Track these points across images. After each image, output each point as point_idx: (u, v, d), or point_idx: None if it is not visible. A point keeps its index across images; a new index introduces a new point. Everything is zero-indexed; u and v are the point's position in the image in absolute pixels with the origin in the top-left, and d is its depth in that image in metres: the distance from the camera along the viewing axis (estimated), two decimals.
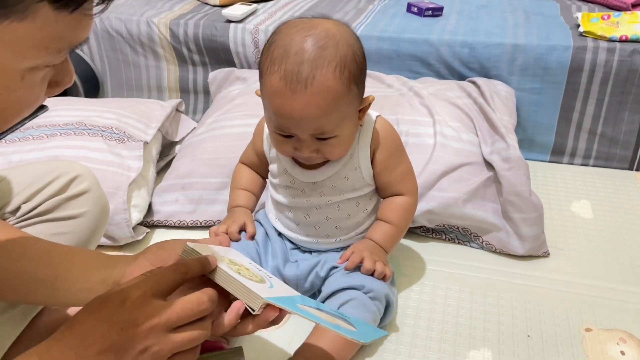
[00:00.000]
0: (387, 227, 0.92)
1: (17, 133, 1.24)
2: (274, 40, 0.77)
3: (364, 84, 0.82)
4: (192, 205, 1.19)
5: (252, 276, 0.64)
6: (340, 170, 0.88)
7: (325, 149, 0.82)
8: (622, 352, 0.88)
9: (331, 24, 0.78)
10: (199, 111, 1.69)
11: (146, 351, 0.49)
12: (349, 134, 0.83)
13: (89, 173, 0.86)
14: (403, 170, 0.92)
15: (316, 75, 0.74)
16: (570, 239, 1.15)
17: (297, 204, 0.92)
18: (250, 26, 1.54)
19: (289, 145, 0.82)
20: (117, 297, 0.50)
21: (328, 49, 0.75)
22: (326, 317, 0.66)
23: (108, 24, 1.64)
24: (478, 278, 1.04)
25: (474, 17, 1.58)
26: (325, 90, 0.75)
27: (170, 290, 0.54)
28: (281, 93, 0.75)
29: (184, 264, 0.56)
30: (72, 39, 0.42)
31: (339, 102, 0.77)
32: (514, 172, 1.10)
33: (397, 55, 1.47)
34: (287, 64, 0.74)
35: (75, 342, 0.48)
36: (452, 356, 0.88)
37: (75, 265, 0.65)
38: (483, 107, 1.27)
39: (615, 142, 1.41)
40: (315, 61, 0.74)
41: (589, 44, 1.35)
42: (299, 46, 0.74)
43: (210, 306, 0.54)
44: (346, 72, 0.76)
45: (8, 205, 0.79)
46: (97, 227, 0.86)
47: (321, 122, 0.77)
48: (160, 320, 0.49)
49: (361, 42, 0.81)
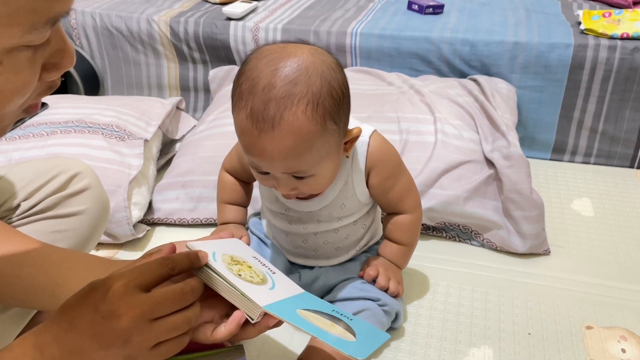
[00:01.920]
0: (396, 247, 0.90)
1: (18, 131, 1.24)
2: (243, 72, 0.70)
3: (346, 117, 0.74)
4: (192, 203, 1.19)
5: (253, 276, 0.63)
6: (335, 199, 0.84)
7: (304, 187, 0.76)
8: (623, 350, 0.88)
9: (306, 53, 0.69)
10: (199, 109, 1.68)
11: (129, 341, 0.50)
12: (328, 171, 0.76)
13: (90, 170, 0.86)
14: (401, 188, 0.87)
15: (284, 115, 0.66)
16: (571, 237, 1.15)
17: (294, 230, 0.89)
18: (250, 24, 1.54)
19: (267, 181, 0.76)
20: (102, 286, 0.51)
21: (298, 84, 0.67)
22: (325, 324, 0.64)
23: (108, 21, 1.64)
24: (479, 276, 1.04)
25: (475, 14, 1.58)
26: (294, 131, 0.67)
27: (154, 283, 0.54)
28: (249, 132, 0.69)
29: (171, 259, 0.56)
30: (47, 11, 0.37)
31: (313, 143, 0.69)
32: (515, 169, 1.10)
33: (398, 53, 1.46)
34: (254, 101, 0.67)
35: (66, 325, 0.50)
36: (453, 354, 0.88)
37: (75, 272, 0.65)
38: (484, 104, 1.27)
39: (616, 140, 1.41)
40: (283, 99, 0.66)
41: (590, 42, 1.35)
42: (267, 81, 0.67)
43: (192, 296, 0.54)
44: (320, 109, 0.68)
45: (8, 203, 0.79)
46: (97, 224, 0.85)
47: (293, 163, 0.71)
48: (142, 310, 0.50)
49: (342, 71, 0.73)
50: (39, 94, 0.44)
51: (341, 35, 1.49)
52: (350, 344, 0.64)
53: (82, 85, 1.65)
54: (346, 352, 0.61)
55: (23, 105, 0.43)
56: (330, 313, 0.69)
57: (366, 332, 0.70)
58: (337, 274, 0.91)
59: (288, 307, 0.63)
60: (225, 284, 0.59)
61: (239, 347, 0.75)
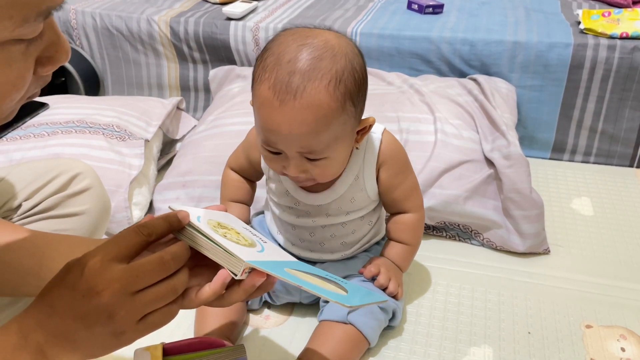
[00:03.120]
0: (400, 247, 0.91)
1: (18, 131, 1.24)
2: (268, 48, 0.72)
3: (362, 104, 0.75)
4: (193, 203, 1.19)
5: (240, 240, 0.59)
6: (346, 193, 0.85)
7: (314, 171, 0.76)
8: (623, 349, 0.88)
9: (332, 35, 0.72)
10: (200, 109, 1.69)
11: (113, 317, 0.48)
12: (341, 157, 0.77)
13: (90, 170, 0.86)
14: (408, 186, 0.88)
15: (307, 87, 0.68)
16: (570, 236, 1.15)
17: (302, 224, 0.89)
18: (250, 24, 1.54)
19: (277, 163, 0.76)
20: (77, 264, 0.49)
21: (324, 60, 0.69)
22: (315, 280, 0.61)
23: (108, 21, 1.64)
24: (479, 275, 1.05)
25: (475, 14, 1.58)
26: (315, 104, 0.68)
27: (132, 254, 0.51)
28: (269, 103, 0.69)
29: (146, 225, 0.53)
30: (39, 4, 0.37)
31: (331, 120, 0.70)
32: (515, 169, 1.10)
33: (398, 53, 1.47)
34: (279, 72, 0.69)
35: (47, 309, 0.49)
36: (453, 353, 0.88)
37: (60, 253, 0.64)
38: (484, 104, 1.27)
39: (615, 140, 1.41)
40: (308, 72, 0.68)
41: (589, 41, 1.35)
42: (293, 55, 0.68)
43: (174, 265, 0.51)
44: (341, 87, 0.69)
45: (9, 204, 0.79)
46: (98, 224, 0.86)
47: (309, 140, 0.71)
48: (121, 284, 0.48)
49: (363, 58, 0.74)
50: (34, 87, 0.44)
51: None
52: (339, 295, 0.60)
53: (83, 86, 1.65)
54: (333, 299, 0.57)
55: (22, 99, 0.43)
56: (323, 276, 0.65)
57: (359, 292, 0.67)
58: (338, 271, 0.91)
59: (277, 265, 0.59)
60: (207, 242, 0.55)
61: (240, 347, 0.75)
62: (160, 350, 0.70)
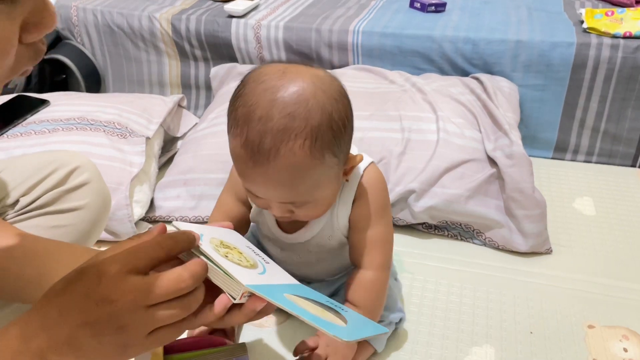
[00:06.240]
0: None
1: (19, 128, 1.24)
2: (240, 94, 0.67)
3: (346, 148, 0.70)
4: (193, 201, 1.19)
5: (242, 260, 0.59)
6: (321, 231, 0.80)
7: (300, 213, 0.72)
8: (625, 349, 0.88)
9: (307, 81, 0.65)
10: (201, 107, 1.68)
11: (123, 328, 0.47)
12: (327, 199, 0.73)
13: (90, 164, 0.84)
14: (375, 235, 0.79)
15: (280, 150, 0.63)
16: (572, 236, 1.15)
17: (286, 257, 0.86)
18: (252, 21, 1.54)
19: (261, 202, 0.73)
20: (94, 271, 0.48)
21: (297, 118, 0.63)
22: (314, 309, 0.59)
23: (110, 18, 1.64)
24: (481, 275, 1.04)
25: (477, 13, 1.58)
26: (291, 166, 0.64)
27: (150, 267, 0.50)
28: (243, 161, 0.66)
29: (171, 238, 0.52)
30: None
31: (309, 175, 0.67)
32: (517, 168, 1.09)
33: (400, 51, 1.46)
34: (250, 131, 0.64)
35: (54, 313, 0.47)
36: (455, 352, 0.88)
37: (61, 263, 0.63)
38: (486, 103, 1.27)
39: (618, 139, 1.41)
40: (280, 133, 0.63)
41: (592, 41, 1.34)
42: (264, 111, 0.63)
43: (192, 284, 0.50)
44: (318, 144, 0.64)
45: (7, 199, 0.78)
46: (98, 219, 0.84)
47: (288, 194, 0.68)
48: (136, 297, 0.47)
49: (346, 98, 0.69)
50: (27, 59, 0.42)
51: (343, 33, 1.48)
52: (337, 327, 0.58)
53: (84, 83, 1.65)
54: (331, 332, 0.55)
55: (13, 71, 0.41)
56: (324, 303, 0.64)
57: (360, 322, 0.65)
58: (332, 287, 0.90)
59: (276, 290, 0.58)
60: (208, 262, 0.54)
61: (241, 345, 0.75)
62: (161, 348, 0.70)
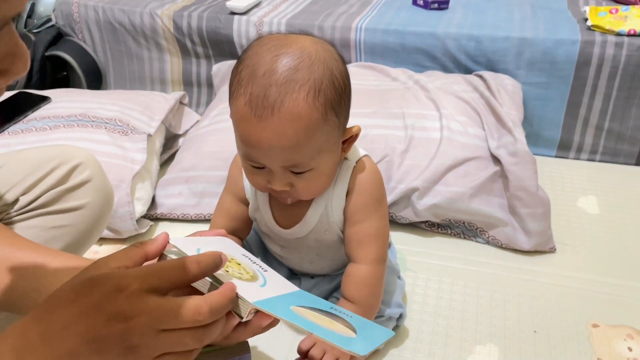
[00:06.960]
0: (349, 307, 0.76)
1: (20, 125, 1.23)
2: (242, 59, 0.68)
3: (346, 112, 0.71)
4: (195, 199, 1.18)
5: (242, 273, 0.58)
6: (318, 226, 0.80)
7: (300, 184, 0.71)
8: (630, 349, 0.87)
9: (309, 41, 0.68)
10: (203, 104, 1.68)
11: (132, 349, 0.44)
12: (327, 169, 0.73)
13: (92, 159, 0.82)
14: (369, 229, 0.78)
15: (285, 101, 0.64)
16: (576, 234, 1.14)
17: (287, 254, 0.87)
18: (254, 18, 1.53)
19: (262, 178, 0.72)
20: (111, 283, 0.45)
21: (301, 70, 0.65)
22: (322, 320, 0.59)
23: (111, 15, 1.63)
24: (484, 273, 1.04)
25: (481, 10, 1.57)
26: (295, 117, 0.65)
27: (171, 288, 0.48)
28: (247, 119, 0.66)
29: (198, 262, 0.49)
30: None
31: (313, 132, 0.67)
32: (521, 166, 1.09)
33: (403, 49, 1.45)
34: (254, 86, 0.65)
35: (57, 324, 0.44)
36: (458, 351, 0.87)
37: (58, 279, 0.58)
38: (490, 101, 1.26)
39: (622, 138, 1.40)
40: (284, 85, 0.64)
41: (596, 38, 1.34)
42: (268, 67, 0.65)
43: (209, 318, 0.47)
44: (321, 97, 0.66)
45: (5, 197, 0.75)
46: (100, 218, 0.82)
47: (292, 154, 0.68)
48: (152, 318, 0.44)
49: (345, 65, 0.71)
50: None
51: (346, 30, 1.48)
52: (350, 340, 0.59)
53: (85, 79, 1.65)
54: (346, 348, 0.56)
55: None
56: (328, 310, 0.64)
57: (367, 328, 0.65)
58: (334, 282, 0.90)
59: (281, 304, 0.57)
60: (209, 281, 0.52)
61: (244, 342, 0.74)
62: None
